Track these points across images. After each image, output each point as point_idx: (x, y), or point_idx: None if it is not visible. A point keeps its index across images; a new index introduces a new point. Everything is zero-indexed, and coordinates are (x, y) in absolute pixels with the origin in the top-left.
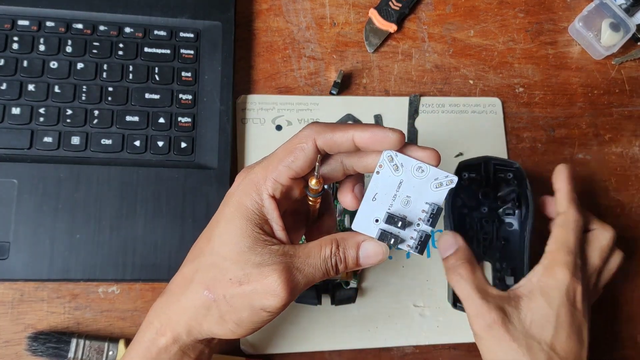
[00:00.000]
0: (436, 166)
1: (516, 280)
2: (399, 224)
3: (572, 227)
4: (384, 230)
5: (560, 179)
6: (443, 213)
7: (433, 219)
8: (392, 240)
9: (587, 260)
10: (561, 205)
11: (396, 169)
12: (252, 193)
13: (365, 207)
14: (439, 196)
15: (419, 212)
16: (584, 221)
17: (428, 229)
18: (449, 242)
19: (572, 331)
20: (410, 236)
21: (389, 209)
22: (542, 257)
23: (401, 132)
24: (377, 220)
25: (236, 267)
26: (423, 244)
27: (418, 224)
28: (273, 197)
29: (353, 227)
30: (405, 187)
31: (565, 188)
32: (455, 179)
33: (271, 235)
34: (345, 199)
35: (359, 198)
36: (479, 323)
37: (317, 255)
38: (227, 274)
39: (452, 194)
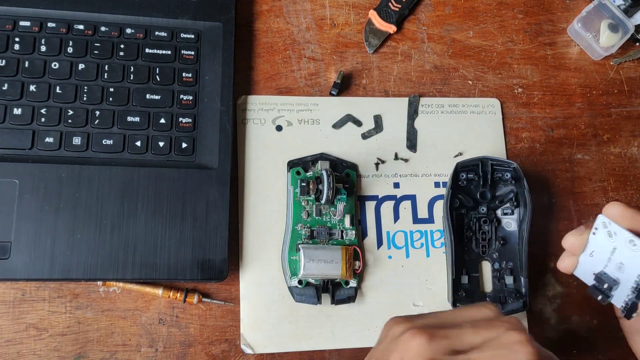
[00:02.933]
0: (637, 227)
1: (515, 280)
2: (605, 286)
3: None
4: (596, 284)
5: None
6: (441, 214)
7: (639, 292)
8: (600, 297)
9: None
10: None
11: (609, 235)
12: None
13: (584, 259)
14: None
15: (631, 281)
16: None
17: (635, 300)
18: None
19: None
20: (622, 298)
21: (604, 268)
22: None
23: None
24: (594, 274)
25: None
26: (629, 311)
27: (629, 295)
28: None
29: (575, 272)
30: (619, 254)
31: None
32: None
33: None
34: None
35: (576, 248)
36: None
37: None
38: None
39: (450, 194)
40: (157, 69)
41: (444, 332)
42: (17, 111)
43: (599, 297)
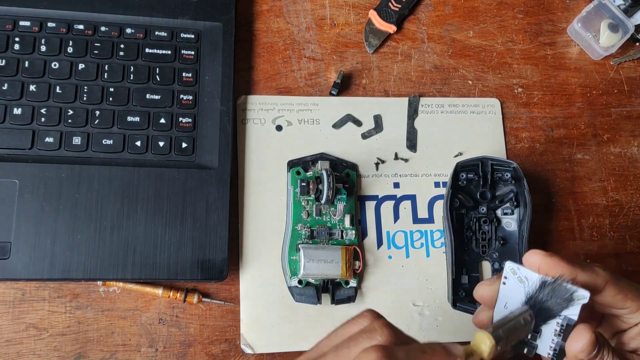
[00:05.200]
0: (563, 277)
1: None
2: (529, 336)
3: None
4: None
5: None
6: (441, 214)
7: (564, 333)
8: (525, 350)
9: None
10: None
11: (520, 281)
12: None
13: (498, 312)
14: (572, 311)
15: (553, 324)
16: None
17: (562, 343)
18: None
19: None
20: (548, 345)
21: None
22: None
23: (463, 352)
24: None
25: None
26: (558, 356)
27: (553, 339)
28: None
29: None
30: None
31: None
32: (587, 294)
33: None
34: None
35: (489, 301)
36: None
37: None
38: None
39: (450, 194)
40: (157, 69)
41: None
42: (17, 111)
43: (525, 350)
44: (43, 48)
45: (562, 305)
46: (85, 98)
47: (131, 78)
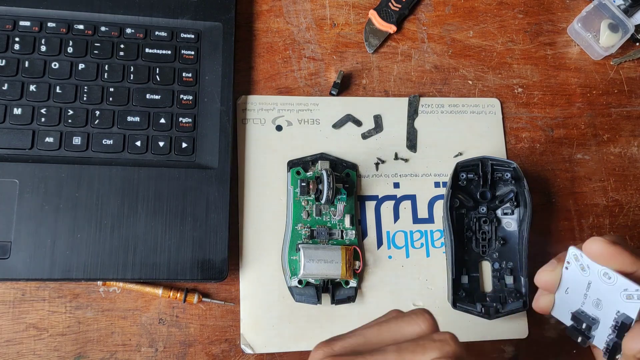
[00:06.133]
0: (623, 271)
1: (515, 280)
2: (584, 325)
3: None
4: (575, 325)
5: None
6: (441, 214)
7: (619, 330)
8: (580, 339)
9: None
10: None
11: (583, 269)
12: None
13: (559, 297)
14: (630, 309)
15: (611, 319)
16: None
17: (616, 340)
18: None
19: None
20: (603, 338)
21: (581, 306)
22: None
23: None
24: (572, 313)
25: None
26: (611, 353)
27: (609, 335)
28: None
29: (552, 313)
30: (595, 289)
31: None
32: None
33: None
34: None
35: (551, 286)
36: None
37: None
38: None
39: (450, 194)
40: (157, 69)
41: (362, 358)
42: (17, 111)
43: (579, 339)
44: (43, 48)
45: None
46: (85, 98)
47: (131, 78)
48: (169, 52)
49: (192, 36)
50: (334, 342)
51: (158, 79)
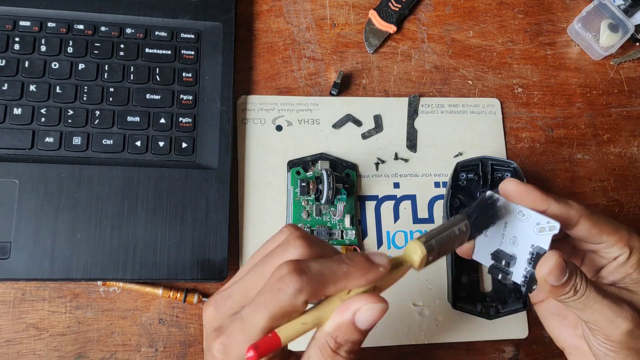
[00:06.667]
0: (536, 208)
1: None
2: (503, 262)
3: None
4: (495, 264)
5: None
6: (442, 214)
7: (534, 261)
8: (500, 275)
9: None
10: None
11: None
12: None
13: (479, 241)
14: (543, 241)
15: (527, 253)
16: None
17: (532, 270)
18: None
19: None
20: (521, 272)
21: (499, 246)
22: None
23: (387, 261)
24: (491, 254)
25: None
26: (529, 284)
27: (526, 268)
28: None
29: (474, 257)
30: (511, 228)
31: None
32: (557, 225)
33: None
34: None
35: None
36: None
37: None
38: None
39: (450, 194)
40: (157, 69)
41: (228, 291)
42: (17, 111)
43: (499, 276)
44: (43, 48)
45: (496, 215)
46: (85, 98)
47: (131, 78)
48: (169, 52)
49: (192, 36)
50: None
51: (158, 79)
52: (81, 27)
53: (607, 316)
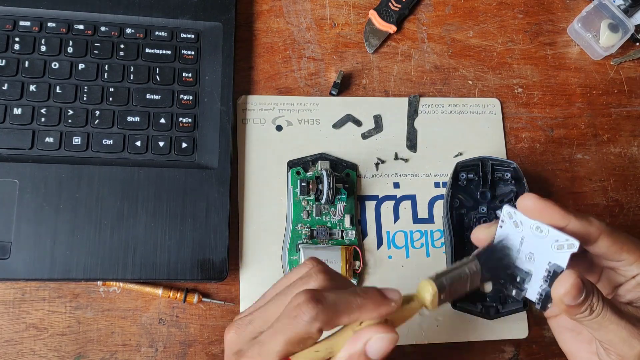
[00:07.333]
0: (555, 225)
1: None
2: (518, 279)
3: None
4: (509, 280)
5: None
6: (442, 214)
7: (551, 279)
8: (514, 292)
9: None
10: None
11: (516, 225)
12: None
13: None
14: (561, 258)
15: (543, 270)
16: None
17: (548, 289)
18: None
19: None
20: (536, 290)
21: (515, 261)
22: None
23: (399, 296)
24: None
25: None
26: (544, 302)
27: (541, 285)
28: None
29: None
30: (528, 244)
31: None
32: (577, 243)
33: None
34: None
35: (486, 243)
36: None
37: None
38: None
39: (450, 194)
40: (157, 69)
41: (250, 317)
42: (17, 111)
43: (513, 292)
44: (43, 48)
45: (508, 258)
46: (85, 98)
47: (131, 78)
48: (169, 52)
49: (192, 36)
50: (242, 312)
51: (158, 79)
52: (81, 27)
53: (622, 337)
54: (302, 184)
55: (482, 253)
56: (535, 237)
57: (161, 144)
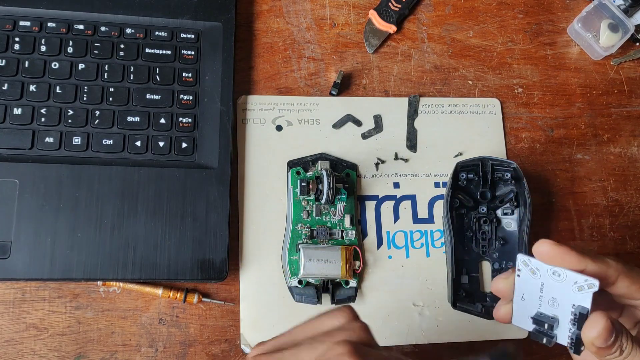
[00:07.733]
0: (572, 269)
1: None
2: (546, 326)
3: None
4: (537, 328)
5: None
6: (442, 214)
7: (579, 322)
8: (545, 340)
9: None
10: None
11: (533, 272)
12: None
13: (517, 306)
14: (584, 300)
15: (569, 313)
16: None
17: (578, 332)
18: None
19: None
20: (566, 334)
21: (539, 309)
22: None
23: None
24: (531, 318)
25: None
26: (576, 345)
27: (570, 329)
28: None
29: (513, 322)
30: (548, 289)
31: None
32: (597, 282)
33: None
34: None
35: (507, 293)
36: None
37: None
38: None
39: (450, 194)
40: (157, 69)
41: (280, 355)
42: (17, 111)
43: (544, 340)
44: (43, 48)
45: None
46: (85, 98)
47: (131, 78)
48: (169, 52)
49: (192, 36)
50: (268, 341)
51: (158, 79)
52: (81, 27)
53: None
54: (302, 184)
55: (489, 356)
56: (554, 281)
57: (161, 144)
